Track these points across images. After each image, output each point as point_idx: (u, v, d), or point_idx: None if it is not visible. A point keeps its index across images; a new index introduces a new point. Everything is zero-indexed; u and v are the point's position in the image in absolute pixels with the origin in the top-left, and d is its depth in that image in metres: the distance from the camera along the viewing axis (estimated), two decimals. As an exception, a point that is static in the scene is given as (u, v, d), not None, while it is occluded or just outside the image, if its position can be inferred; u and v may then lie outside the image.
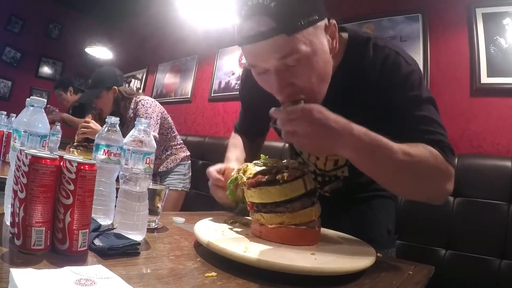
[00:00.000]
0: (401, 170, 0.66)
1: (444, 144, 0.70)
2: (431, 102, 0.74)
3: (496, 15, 1.63)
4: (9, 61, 4.08)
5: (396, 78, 0.73)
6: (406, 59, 0.75)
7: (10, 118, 1.77)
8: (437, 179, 0.70)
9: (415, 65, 0.75)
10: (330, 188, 0.97)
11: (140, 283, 0.47)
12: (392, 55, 0.74)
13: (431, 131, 0.71)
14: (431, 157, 0.67)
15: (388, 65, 0.74)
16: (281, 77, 0.67)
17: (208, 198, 2.25)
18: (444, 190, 0.71)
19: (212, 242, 0.62)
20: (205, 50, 3.17)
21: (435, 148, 0.68)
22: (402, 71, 0.73)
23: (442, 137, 0.71)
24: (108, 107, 2.06)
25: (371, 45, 0.76)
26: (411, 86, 0.73)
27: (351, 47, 0.78)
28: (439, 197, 0.74)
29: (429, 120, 0.72)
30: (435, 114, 0.73)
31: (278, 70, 0.66)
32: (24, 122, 0.65)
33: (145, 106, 1.97)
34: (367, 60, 0.76)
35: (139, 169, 0.70)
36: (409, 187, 0.71)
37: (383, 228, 0.99)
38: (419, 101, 0.73)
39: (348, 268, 0.58)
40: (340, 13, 2.21)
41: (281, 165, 0.70)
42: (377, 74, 0.74)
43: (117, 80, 2.06)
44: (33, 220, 0.51)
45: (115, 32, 4.50)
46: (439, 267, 0.80)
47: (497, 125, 1.57)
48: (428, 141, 0.69)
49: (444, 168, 0.69)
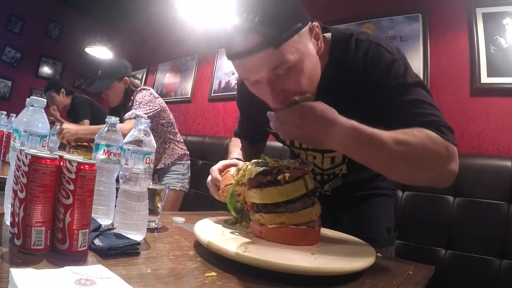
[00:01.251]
0: (395, 160, 0.66)
1: (440, 124, 0.68)
2: (419, 85, 0.73)
3: (496, 15, 1.63)
4: (9, 61, 4.08)
5: (379, 69, 0.74)
6: (388, 49, 0.75)
7: (10, 118, 1.77)
8: (436, 162, 0.68)
9: (398, 53, 0.76)
10: (330, 187, 0.97)
11: (140, 283, 0.47)
12: (372, 47, 0.75)
13: (423, 113, 0.69)
14: (428, 140, 0.65)
15: (370, 57, 0.75)
16: (273, 86, 0.68)
17: (208, 198, 2.25)
18: (447, 171, 0.68)
19: (212, 242, 0.62)
20: (205, 50, 3.16)
21: (430, 129, 0.67)
22: (384, 61, 0.74)
23: (435, 117, 0.69)
24: (118, 98, 2.05)
25: (353, 40, 0.78)
26: (396, 74, 0.73)
27: (335, 45, 0.80)
28: (444, 180, 0.71)
29: (420, 103, 0.71)
30: (425, 96, 0.72)
31: (269, 80, 0.68)
32: (24, 122, 0.65)
33: (143, 93, 1.96)
34: (350, 55, 0.77)
35: (139, 169, 0.70)
36: (407, 174, 0.71)
37: (383, 226, 0.99)
38: (406, 87, 0.72)
39: (348, 268, 0.58)
40: (340, 13, 2.22)
41: (282, 165, 0.70)
42: (361, 68, 0.75)
43: (127, 71, 2.06)
44: (33, 220, 0.51)
45: (115, 32, 4.50)
46: (439, 267, 0.80)
47: (497, 125, 1.57)
48: (422, 123, 0.67)
49: (443, 149, 0.67)
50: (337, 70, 0.78)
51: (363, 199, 1.00)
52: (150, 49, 3.91)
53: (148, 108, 1.90)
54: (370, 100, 0.74)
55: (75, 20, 4.45)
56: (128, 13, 4.08)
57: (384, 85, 0.73)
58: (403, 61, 0.75)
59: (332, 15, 2.22)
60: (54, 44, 4.41)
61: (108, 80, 1.98)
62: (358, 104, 0.74)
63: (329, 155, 0.91)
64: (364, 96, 0.75)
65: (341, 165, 0.92)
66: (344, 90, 0.77)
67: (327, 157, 0.91)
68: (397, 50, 0.77)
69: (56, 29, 4.43)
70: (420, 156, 0.66)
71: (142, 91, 1.98)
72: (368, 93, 0.75)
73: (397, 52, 0.76)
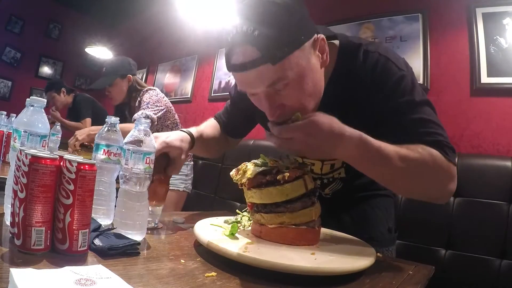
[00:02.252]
0: (397, 174, 0.68)
1: (444, 144, 0.70)
2: (426, 103, 0.74)
3: (496, 15, 1.63)
4: (9, 61, 4.08)
5: (387, 85, 0.73)
6: (397, 64, 0.74)
7: (10, 118, 1.77)
8: (436, 180, 0.70)
9: (406, 69, 0.75)
10: (331, 190, 0.97)
11: (140, 283, 0.47)
12: (381, 61, 0.74)
13: (429, 132, 0.70)
14: (430, 159, 0.67)
15: (378, 71, 0.74)
16: (271, 100, 0.68)
17: (208, 198, 2.26)
18: (446, 190, 0.71)
19: (212, 242, 0.62)
20: (205, 50, 3.16)
21: (434, 148, 0.68)
22: (392, 77, 0.73)
23: (441, 137, 0.71)
24: (121, 96, 2.04)
25: (361, 51, 0.76)
26: (403, 92, 0.72)
27: (343, 54, 0.78)
28: (441, 197, 0.74)
29: (426, 122, 0.71)
30: (431, 115, 0.73)
31: (267, 95, 0.67)
32: (24, 122, 0.65)
33: (150, 93, 1.96)
34: (358, 66, 0.76)
35: (139, 169, 0.70)
36: (406, 189, 0.73)
37: (384, 226, 0.99)
38: (413, 105, 0.72)
39: (348, 268, 0.58)
40: (340, 13, 2.22)
41: (281, 165, 0.70)
42: (368, 81, 0.74)
43: (131, 69, 2.05)
44: (33, 220, 0.51)
45: (115, 32, 4.50)
46: (439, 267, 0.80)
47: (497, 125, 1.57)
48: (427, 142, 0.69)
49: (445, 168, 0.69)
50: (343, 80, 0.77)
51: (363, 199, 1.00)
52: (150, 49, 3.91)
53: (155, 108, 1.90)
54: (374, 113, 0.74)
55: (75, 20, 4.45)
56: (128, 13, 4.08)
57: (390, 101, 0.73)
58: (410, 78, 0.74)
59: (332, 15, 2.22)
60: (54, 44, 4.42)
61: (111, 77, 1.98)
62: (362, 115, 0.74)
63: (329, 162, 0.90)
64: (368, 108, 0.75)
65: (339, 169, 0.92)
66: (349, 100, 0.77)
67: (326, 164, 0.91)
68: (406, 65, 0.76)
69: (56, 29, 4.43)
70: (421, 173, 0.68)
71: (149, 91, 1.98)
72: (373, 106, 0.74)
73: (406, 67, 0.75)
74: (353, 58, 0.76)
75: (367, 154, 0.65)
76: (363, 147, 0.64)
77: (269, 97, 0.67)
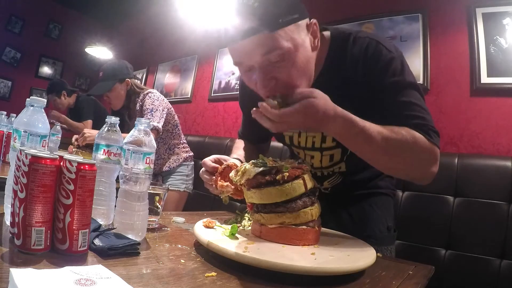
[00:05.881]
0: (379, 154, 0.72)
1: (429, 127, 0.74)
2: (414, 87, 0.77)
3: (496, 15, 1.63)
4: (9, 61, 4.08)
5: (378, 65, 0.76)
6: (387, 47, 0.78)
7: (10, 118, 1.77)
8: (417, 161, 0.74)
9: (396, 52, 0.79)
10: (330, 183, 0.98)
11: (140, 283, 0.47)
12: (373, 44, 0.78)
13: (414, 115, 0.74)
14: (412, 140, 0.71)
15: (369, 53, 0.78)
16: (265, 72, 0.71)
17: (208, 198, 2.26)
18: (428, 171, 0.76)
19: (212, 242, 0.62)
20: (205, 50, 3.17)
21: (418, 132, 0.72)
22: (383, 58, 0.76)
23: (425, 121, 0.74)
24: (120, 100, 2.03)
25: (352, 38, 0.81)
26: (393, 72, 0.76)
27: (334, 43, 0.83)
28: (423, 178, 0.78)
29: (412, 105, 0.75)
30: (418, 99, 0.77)
31: (261, 65, 0.70)
32: (24, 122, 0.65)
33: (152, 98, 1.95)
34: (349, 52, 0.80)
35: (139, 169, 0.70)
36: (387, 167, 0.79)
37: (383, 224, 0.99)
38: (402, 87, 0.76)
39: (348, 268, 0.58)
40: (340, 13, 2.22)
41: (280, 165, 0.70)
42: (360, 64, 0.78)
43: (129, 72, 2.04)
44: (33, 220, 0.51)
45: (115, 32, 4.50)
46: (439, 267, 0.80)
47: (497, 125, 1.57)
48: (412, 125, 0.72)
49: (427, 150, 0.73)
50: (335, 67, 0.81)
51: (362, 197, 1.00)
52: (150, 49, 3.91)
53: (159, 115, 1.91)
54: (364, 95, 0.77)
55: (75, 20, 4.45)
56: (128, 13, 4.08)
57: (380, 81, 0.77)
58: (400, 60, 0.78)
59: (332, 15, 2.22)
60: (54, 44, 4.41)
61: (110, 82, 1.97)
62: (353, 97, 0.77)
63: (327, 153, 0.91)
64: (358, 91, 0.78)
65: (339, 163, 0.93)
66: (340, 87, 0.79)
67: (325, 155, 0.92)
68: (395, 48, 0.80)
69: (56, 29, 4.43)
70: (401, 154, 0.72)
71: (150, 95, 1.96)
72: (363, 88, 0.78)
73: (395, 50, 0.79)
74: (344, 45, 0.81)
75: (351, 132, 0.69)
76: (349, 126, 0.68)
77: (263, 68, 0.70)
